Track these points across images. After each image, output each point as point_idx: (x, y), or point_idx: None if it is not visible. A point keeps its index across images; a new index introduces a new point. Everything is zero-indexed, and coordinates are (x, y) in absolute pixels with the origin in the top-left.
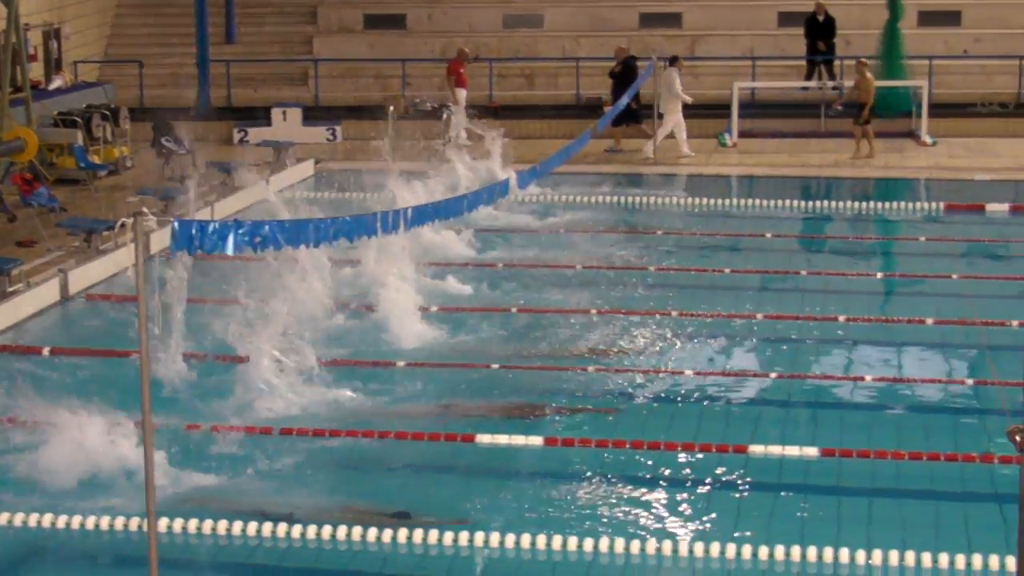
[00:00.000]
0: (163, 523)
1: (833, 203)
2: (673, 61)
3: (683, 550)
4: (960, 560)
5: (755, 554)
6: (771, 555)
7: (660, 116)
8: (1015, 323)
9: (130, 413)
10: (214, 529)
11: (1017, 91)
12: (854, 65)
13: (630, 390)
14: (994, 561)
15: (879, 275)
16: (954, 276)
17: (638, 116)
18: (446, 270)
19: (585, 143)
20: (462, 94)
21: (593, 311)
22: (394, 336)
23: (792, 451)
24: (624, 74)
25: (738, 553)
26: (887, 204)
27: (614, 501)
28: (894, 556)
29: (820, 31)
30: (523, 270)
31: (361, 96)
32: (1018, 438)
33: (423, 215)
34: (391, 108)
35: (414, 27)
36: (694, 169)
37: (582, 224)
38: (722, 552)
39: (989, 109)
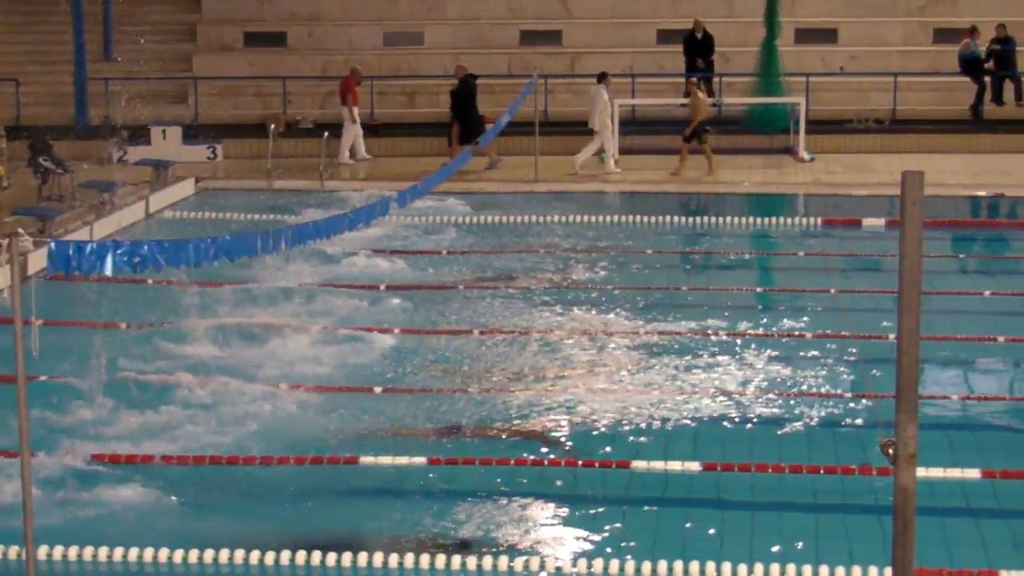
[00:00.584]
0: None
1: (713, 219)
2: (601, 78)
3: (566, 568)
4: (840, 572)
5: (638, 570)
6: (654, 571)
7: (592, 132)
8: (891, 336)
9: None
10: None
11: (892, 107)
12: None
13: (511, 410)
14: (873, 572)
15: (759, 289)
16: (832, 291)
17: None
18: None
19: (466, 160)
20: (355, 112)
21: (475, 331)
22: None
23: (674, 466)
24: (460, 92)
25: (621, 570)
26: (766, 220)
27: (497, 518)
28: (775, 569)
29: (699, 48)
30: (406, 291)
31: (241, 114)
32: (891, 451)
33: (303, 234)
34: (272, 126)
35: (294, 45)
36: (576, 186)
37: (467, 244)
38: (605, 568)
39: (865, 125)
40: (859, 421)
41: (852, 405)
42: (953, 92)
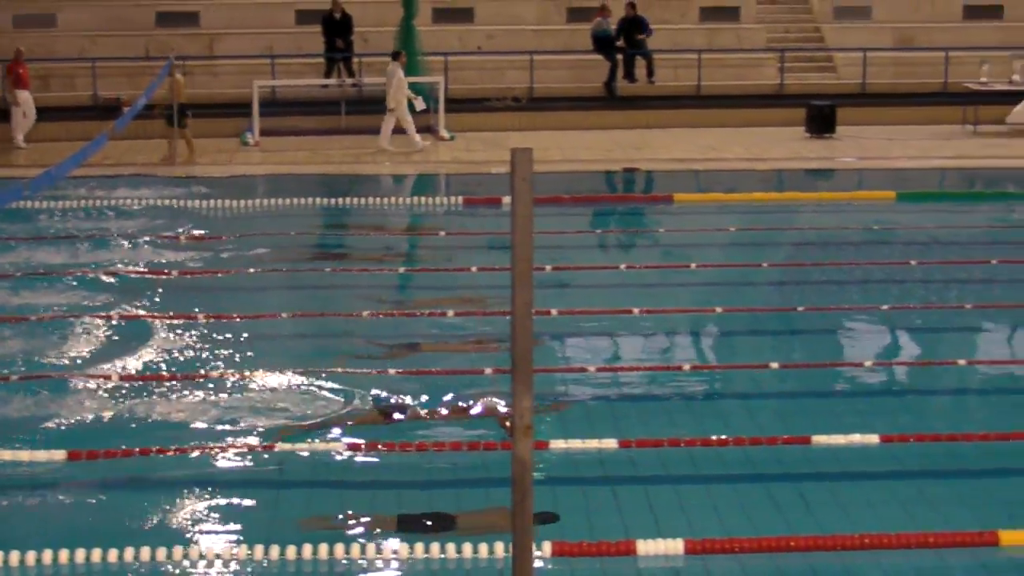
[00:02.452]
0: None
1: (359, 200)
2: (396, 56)
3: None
4: (467, 548)
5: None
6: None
7: (389, 111)
8: (555, 311)
9: None
10: None
11: (529, 85)
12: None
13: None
14: (499, 546)
15: (401, 270)
16: (473, 268)
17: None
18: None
19: (102, 145)
20: (24, 95)
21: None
22: None
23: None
24: None
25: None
26: (411, 199)
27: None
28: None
29: (337, 29)
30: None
31: None
32: (507, 423)
33: None
34: None
35: None
36: (217, 171)
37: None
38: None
39: (503, 104)
40: (470, 399)
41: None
42: (587, 70)
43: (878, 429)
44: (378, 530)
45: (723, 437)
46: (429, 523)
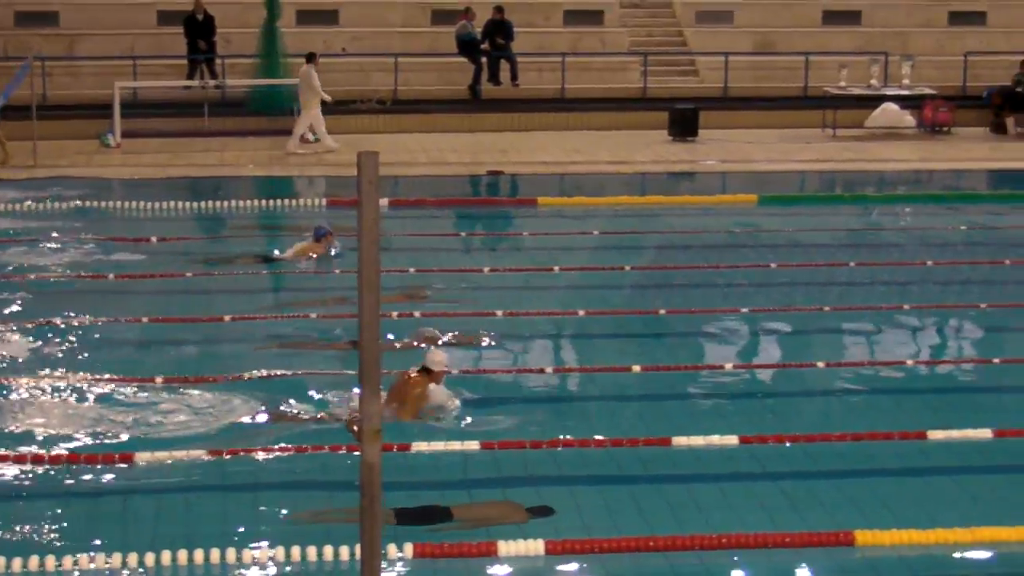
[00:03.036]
0: None
1: (222, 203)
2: (311, 58)
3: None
4: (312, 552)
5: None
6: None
7: (298, 112)
8: (394, 315)
9: None
10: None
11: (394, 88)
12: None
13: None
14: (344, 552)
15: (265, 272)
16: (337, 271)
17: None
18: None
19: None
20: None
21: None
22: None
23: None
24: None
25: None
26: (274, 202)
27: None
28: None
29: (200, 30)
30: None
31: None
32: (355, 428)
33: None
34: None
35: None
36: (76, 171)
37: None
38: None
39: (368, 106)
40: (296, 400)
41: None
42: (452, 72)
43: (738, 430)
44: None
45: (585, 438)
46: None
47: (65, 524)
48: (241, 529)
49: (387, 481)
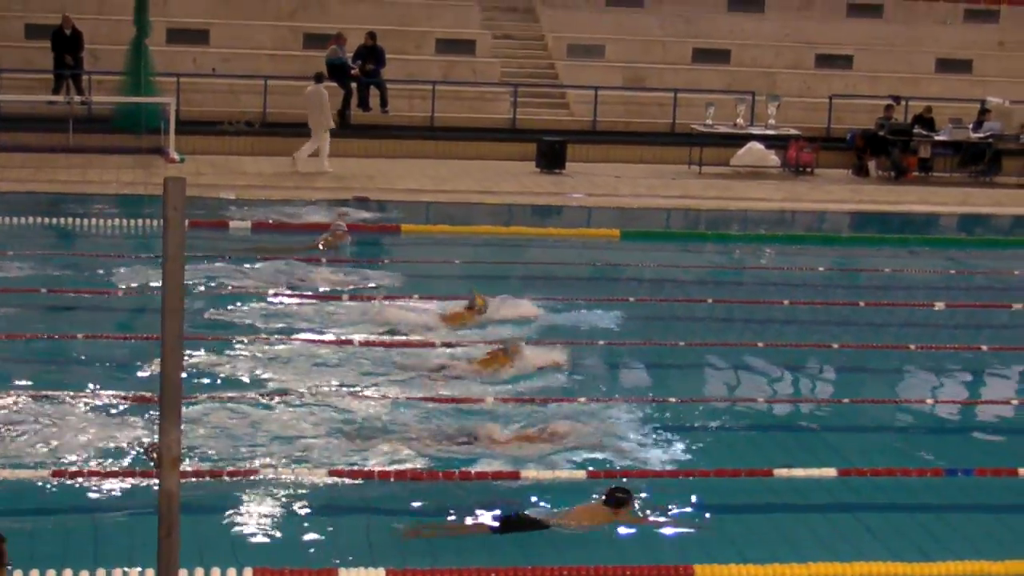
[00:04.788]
0: None
1: (81, 220)
2: (319, 78)
3: None
4: None
5: None
6: None
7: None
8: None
9: None
10: None
11: (263, 110)
12: None
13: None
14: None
15: (120, 293)
16: (200, 289)
17: None
18: None
19: None
20: None
21: None
22: None
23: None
24: None
25: None
26: (134, 221)
27: None
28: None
29: (67, 45)
30: None
31: None
32: (155, 454)
33: None
34: None
35: None
36: None
37: None
38: None
39: (236, 128)
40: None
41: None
42: None
43: (584, 465)
44: None
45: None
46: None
47: None
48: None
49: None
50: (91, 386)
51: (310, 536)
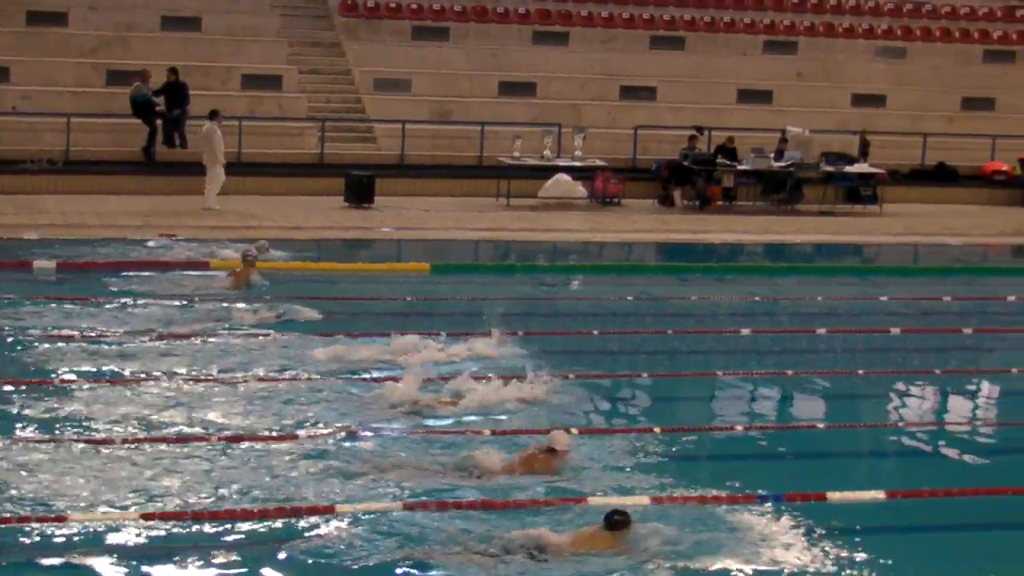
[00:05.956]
0: None
1: None
2: (213, 115)
3: None
4: None
5: None
6: None
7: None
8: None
9: None
10: None
11: (65, 148)
12: None
13: None
14: None
15: None
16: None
17: None
18: None
19: None
20: None
21: None
22: None
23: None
24: None
25: None
26: None
27: None
28: None
29: None
30: None
31: None
32: None
33: None
34: None
35: None
36: None
37: None
38: None
39: (38, 166)
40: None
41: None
42: (126, 134)
43: (397, 497)
44: None
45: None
46: None
47: None
48: None
49: None
50: None
51: None
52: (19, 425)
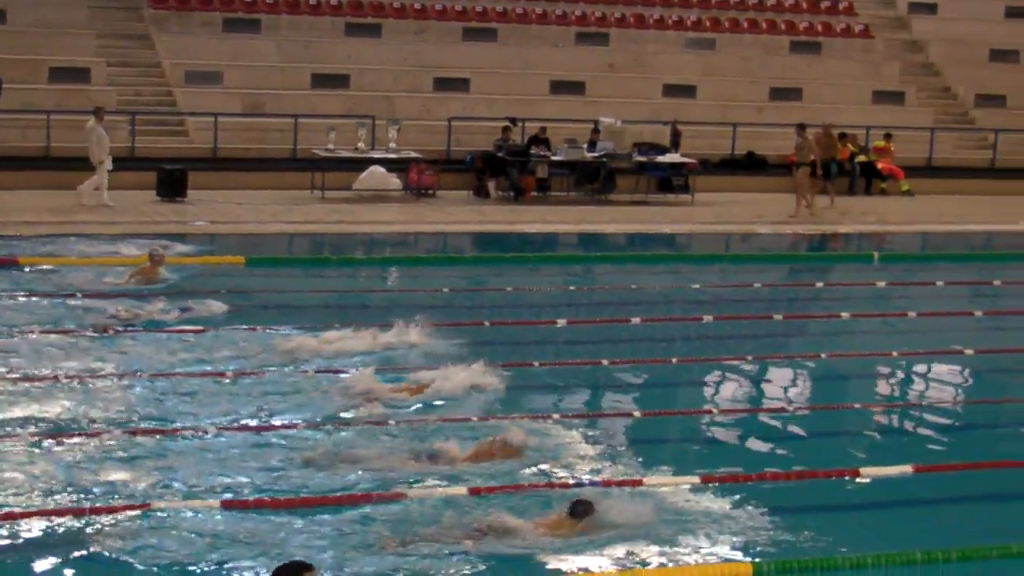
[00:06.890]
0: None
1: None
2: (96, 113)
3: None
4: None
5: None
6: None
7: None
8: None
9: None
10: None
11: None
12: None
13: None
14: None
15: None
16: None
17: None
18: None
19: None
20: None
21: None
22: None
23: None
24: None
25: None
26: None
27: None
28: None
29: None
30: None
31: None
32: None
33: None
34: None
35: None
36: None
37: None
38: None
39: None
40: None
41: None
42: None
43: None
44: None
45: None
46: None
47: None
48: None
49: None
50: None
51: None
52: None
